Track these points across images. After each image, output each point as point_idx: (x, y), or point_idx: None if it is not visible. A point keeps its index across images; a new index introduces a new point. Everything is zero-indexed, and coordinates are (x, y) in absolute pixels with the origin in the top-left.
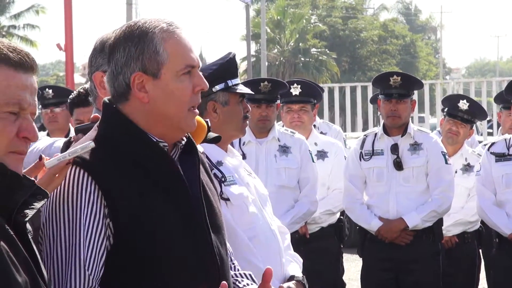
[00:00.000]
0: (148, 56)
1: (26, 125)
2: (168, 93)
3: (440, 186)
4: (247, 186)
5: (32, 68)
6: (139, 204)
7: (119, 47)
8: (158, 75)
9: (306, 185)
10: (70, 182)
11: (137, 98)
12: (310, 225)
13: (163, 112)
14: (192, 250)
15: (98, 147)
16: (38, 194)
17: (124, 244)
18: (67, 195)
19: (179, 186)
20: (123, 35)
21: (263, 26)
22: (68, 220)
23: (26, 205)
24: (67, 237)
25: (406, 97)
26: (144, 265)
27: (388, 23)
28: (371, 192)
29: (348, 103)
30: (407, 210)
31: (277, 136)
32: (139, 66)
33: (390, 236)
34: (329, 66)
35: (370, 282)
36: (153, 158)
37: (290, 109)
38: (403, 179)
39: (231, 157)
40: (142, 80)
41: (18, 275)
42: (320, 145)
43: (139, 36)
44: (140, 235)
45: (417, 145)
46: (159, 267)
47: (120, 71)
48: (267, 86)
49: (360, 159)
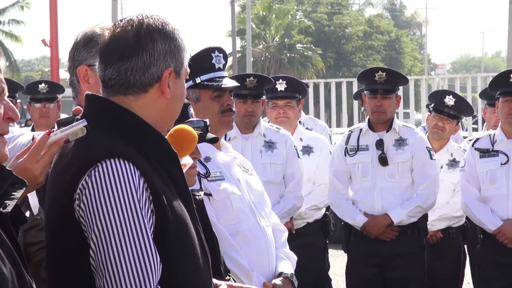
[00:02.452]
0: (180, 54)
1: (8, 105)
2: (182, 93)
3: (425, 182)
4: (237, 182)
5: (0, 52)
6: (166, 198)
7: (155, 39)
8: (180, 74)
9: (292, 180)
10: (120, 175)
11: (161, 92)
12: (296, 221)
13: (175, 111)
14: (199, 244)
15: (120, 142)
16: (16, 183)
17: (165, 240)
18: (123, 189)
19: (184, 184)
20: (155, 28)
21: (248, 21)
22: (130, 215)
23: (5, 195)
24: (134, 233)
25: (391, 93)
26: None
27: (373, 19)
28: (356, 188)
29: (333, 98)
30: (392, 205)
31: (262, 132)
32: (174, 62)
33: (375, 231)
34: (314, 62)
35: (355, 278)
36: (167, 155)
37: (276, 104)
38: (388, 175)
39: (224, 153)
40: (171, 76)
41: (3, 266)
42: (305, 141)
43: (172, 33)
44: (169, 226)
45: (402, 141)
46: (185, 259)
47: (154, 63)
48: (253, 82)
49: (345, 154)
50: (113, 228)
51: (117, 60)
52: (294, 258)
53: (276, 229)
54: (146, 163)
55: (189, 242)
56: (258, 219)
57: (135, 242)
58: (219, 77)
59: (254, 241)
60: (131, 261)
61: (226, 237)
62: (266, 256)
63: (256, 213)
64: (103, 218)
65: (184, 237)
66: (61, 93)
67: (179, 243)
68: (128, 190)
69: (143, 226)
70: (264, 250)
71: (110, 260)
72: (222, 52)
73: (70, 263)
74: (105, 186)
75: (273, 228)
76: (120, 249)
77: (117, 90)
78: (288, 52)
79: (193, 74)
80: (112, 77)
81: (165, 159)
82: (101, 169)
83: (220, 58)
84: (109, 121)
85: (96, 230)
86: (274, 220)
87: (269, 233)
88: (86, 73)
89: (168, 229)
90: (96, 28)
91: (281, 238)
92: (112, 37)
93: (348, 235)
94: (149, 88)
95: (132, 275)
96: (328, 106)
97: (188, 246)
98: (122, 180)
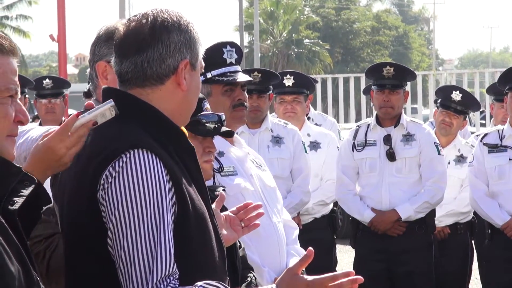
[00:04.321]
0: (195, 47)
1: (19, 108)
2: (197, 86)
3: (433, 177)
4: (250, 178)
5: (17, 53)
6: (186, 190)
7: (171, 31)
8: (195, 67)
9: (299, 175)
10: (143, 164)
11: (177, 84)
12: (303, 216)
13: (191, 104)
14: (215, 234)
15: (142, 133)
16: (25, 181)
17: (185, 230)
18: (146, 178)
19: (200, 176)
20: (170, 21)
21: (256, 17)
22: (151, 204)
23: (14, 192)
24: (151, 221)
25: (399, 88)
26: (199, 247)
27: (381, 14)
28: (363, 183)
29: (341, 94)
30: (399, 201)
31: (270, 127)
32: (189, 54)
33: (383, 227)
34: (322, 57)
35: (363, 273)
36: (185, 149)
37: (283, 100)
38: (395, 170)
39: (237, 149)
40: (187, 68)
41: (11, 264)
42: (313, 136)
43: (187, 26)
44: (197, 221)
45: (409, 136)
46: (204, 252)
47: (170, 54)
48: (258, 77)
49: (353, 149)
50: (134, 214)
51: (133, 53)
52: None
53: (288, 226)
54: (167, 155)
55: (208, 236)
56: (270, 215)
57: (153, 230)
58: (231, 72)
59: (266, 237)
60: (146, 247)
61: None
62: (277, 252)
63: (269, 209)
64: (125, 205)
65: (203, 230)
66: (66, 88)
67: (199, 236)
68: (153, 179)
69: (165, 215)
70: (276, 246)
71: (127, 243)
72: (235, 47)
73: (88, 250)
74: (130, 175)
75: (284, 224)
76: (138, 235)
77: (134, 83)
78: (296, 48)
79: (205, 69)
80: (129, 70)
81: (183, 153)
82: (125, 159)
83: (232, 53)
84: (128, 113)
85: (117, 214)
86: (285, 216)
87: (280, 229)
88: (105, 69)
89: (189, 221)
90: (119, 24)
91: (292, 234)
92: (127, 31)
93: (356, 231)
94: (165, 79)
95: (143, 261)
96: (336, 102)
97: (207, 240)
98: (147, 170)
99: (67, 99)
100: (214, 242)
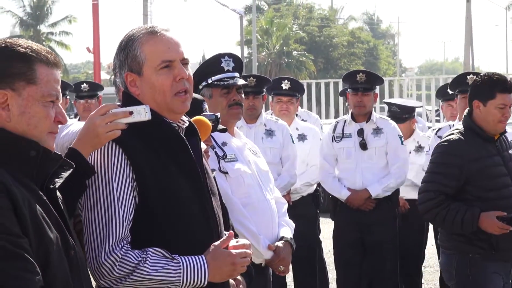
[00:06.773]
0: (131, 59)
1: (59, 111)
2: (150, 85)
3: (397, 163)
4: (248, 164)
5: (60, 65)
6: (160, 173)
7: (117, 54)
8: (141, 72)
9: (287, 161)
10: (105, 153)
11: (132, 92)
12: (292, 195)
13: (153, 100)
14: (199, 209)
15: (128, 127)
16: (65, 165)
17: (148, 204)
18: (103, 163)
19: (190, 160)
20: (119, 45)
21: (254, 33)
22: (105, 183)
23: (55, 175)
24: (105, 196)
25: (369, 91)
26: (164, 219)
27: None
28: (341, 168)
29: (323, 96)
30: (370, 182)
31: (264, 122)
32: (127, 67)
33: (357, 203)
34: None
35: (340, 241)
36: (169, 136)
37: (280, 100)
38: (367, 157)
39: (237, 140)
40: (133, 78)
41: (50, 232)
42: (300, 130)
43: (125, 43)
44: (161, 197)
45: (378, 130)
46: (177, 220)
47: (119, 72)
48: (253, 81)
49: (332, 141)
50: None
51: None
52: (292, 225)
53: (278, 202)
54: (142, 146)
55: (177, 206)
56: (264, 193)
57: (105, 205)
58: (229, 77)
59: (261, 211)
60: (99, 218)
61: (239, 207)
62: (271, 223)
63: (263, 188)
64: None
65: (169, 202)
66: (100, 90)
67: (162, 207)
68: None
69: (114, 193)
70: (269, 218)
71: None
72: (232, 57)
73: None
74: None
75: (276, 201)
76: (92, 209)
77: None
78: (286, 58)
79: (206, 76)
80: None
81: (171, 143)
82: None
83: (229, 62)
84: None
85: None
86: (276, 194)
87: (273, 204)
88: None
89: (149, 195)
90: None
91: (282, 208)
92: None
93: (335, 206)
94: (128, 89)
95: (97, 231)
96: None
97: (175, 210)
98: (105, 157)
99: (101, 99)
100: (194, 211)
